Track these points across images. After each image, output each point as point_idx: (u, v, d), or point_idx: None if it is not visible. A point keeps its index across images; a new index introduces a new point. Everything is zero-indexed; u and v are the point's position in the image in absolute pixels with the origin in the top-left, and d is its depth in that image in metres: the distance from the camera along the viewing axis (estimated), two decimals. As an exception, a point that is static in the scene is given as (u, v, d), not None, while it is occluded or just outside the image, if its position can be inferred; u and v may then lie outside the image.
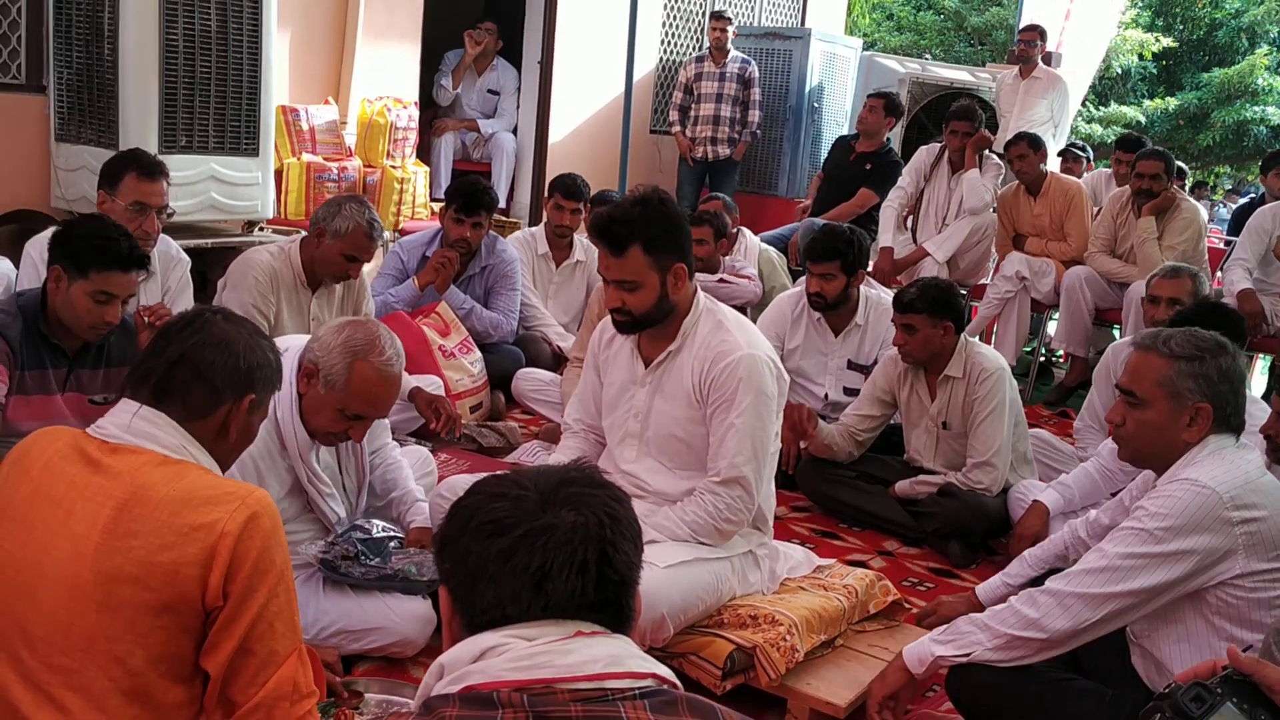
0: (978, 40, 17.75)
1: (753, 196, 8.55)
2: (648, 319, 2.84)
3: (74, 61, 5.27)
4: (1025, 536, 3.61)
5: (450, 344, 4.79)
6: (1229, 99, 16.08)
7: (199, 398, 1.87)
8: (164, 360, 1.88)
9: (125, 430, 1.83)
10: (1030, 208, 6.43)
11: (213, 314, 1.98)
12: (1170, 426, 2.34)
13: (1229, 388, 2.33)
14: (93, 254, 2.90)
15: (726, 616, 2.82)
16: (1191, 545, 2.21)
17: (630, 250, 2.74)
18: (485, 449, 4.46)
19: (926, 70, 8.70)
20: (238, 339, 1.92)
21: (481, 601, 1.23)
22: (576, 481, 1.28)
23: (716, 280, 5.70)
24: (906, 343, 3.98)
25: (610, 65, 8.13)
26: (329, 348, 2.70)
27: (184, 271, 4.03)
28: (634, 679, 1.20)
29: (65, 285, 2.92)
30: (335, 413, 2.71)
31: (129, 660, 1.72)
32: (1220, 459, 2.29)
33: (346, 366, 2.67)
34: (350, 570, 2.81)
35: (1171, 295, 4.29)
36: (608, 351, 3.07)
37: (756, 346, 2.84)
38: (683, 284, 2.82)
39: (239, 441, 1.97)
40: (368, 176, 6.65)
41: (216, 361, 1.88)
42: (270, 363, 1.98)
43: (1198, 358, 2.33)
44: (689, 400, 2.86)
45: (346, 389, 2.68)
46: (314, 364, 2.70)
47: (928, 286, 3.97)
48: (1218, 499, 2.21)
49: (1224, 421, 2.33)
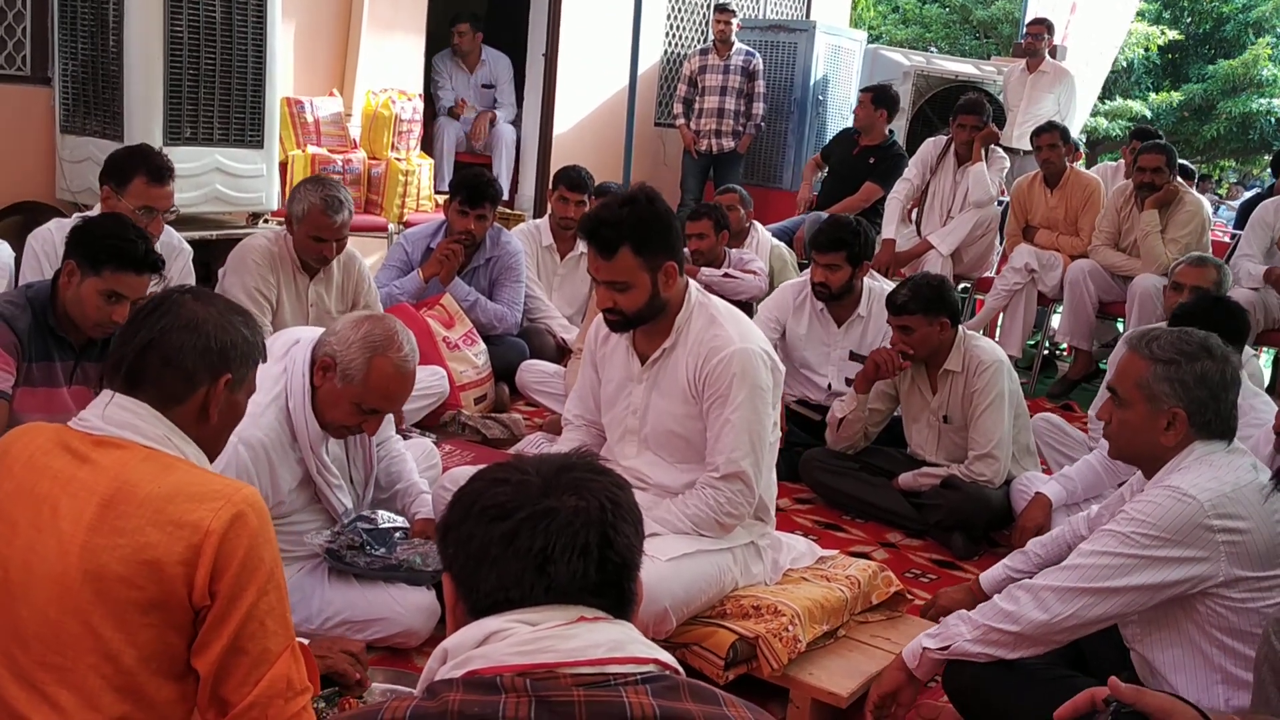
0: (983, 33, 17.72)
1: (757, 189, 8.51)
2: (639, 317, 2.83)
3: (79, 53, 5.27)
4: (1028, 528, 3.62)
5: (455, 336, 4.79)
6: (1234, 91, 16.02)
7: (172, 383, 1.83)
8: (133, 348, 1.84)
9: (105, 421, 1.79)
10: (1046, 199, 6.42)
11: (181, 294, 1.91)
12: (1147, 429, 2.34)
13: (1207, 393, 2.30)
14: (108, 253, 2.90)
15: (729, 607, 2.82)
16: (1168, 553, 2.20)
17: (620, 251, 2.73)
18: (489, 441, 4.47)
19: (931, 63, 8.68)
20: (206, 319, 1.87)
21: (484, 585, 1.24)
22: (577, 467, 1.29)
23: (721, 274, 5.70)
24: (905, 343, 3.98)
25: (615, 58, 8.12)
26: (347, 342, 2.70)
27: (186, 261, 4.05)
28: (636, 664, 1.21)
29: (78, 280, 2.93)
30: (352, 407, 2.72)
31: (120, 658, 1.71)
32: (1207, 465, 2.28)
33: (365, 362, 2.68)
34: (355, 560, 2.82)
35: (1195, 284, 4.26)
36: (604, 349, 3.07)
37: (749, 340, 2.84)
38: (673, 281, 2.81)
39: (224, 423, 1.93)
40: (372, 169, 6.65)
41: (185, 344, 1.84)
42: (245, 338, 1.92)
43: (1175, 361, 2.31)
44: (685, 396, 2.86)
45: (365, 384, 2.69)
46: (330, 357, 2.71)
47: (919, 285, 3.96)
48: (1199, 508, 2.19)
49: (1203, 428, 2.31)
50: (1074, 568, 2.31)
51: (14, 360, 2.94)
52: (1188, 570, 2.20)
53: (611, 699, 1.17)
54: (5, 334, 2.93)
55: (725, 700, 1.23)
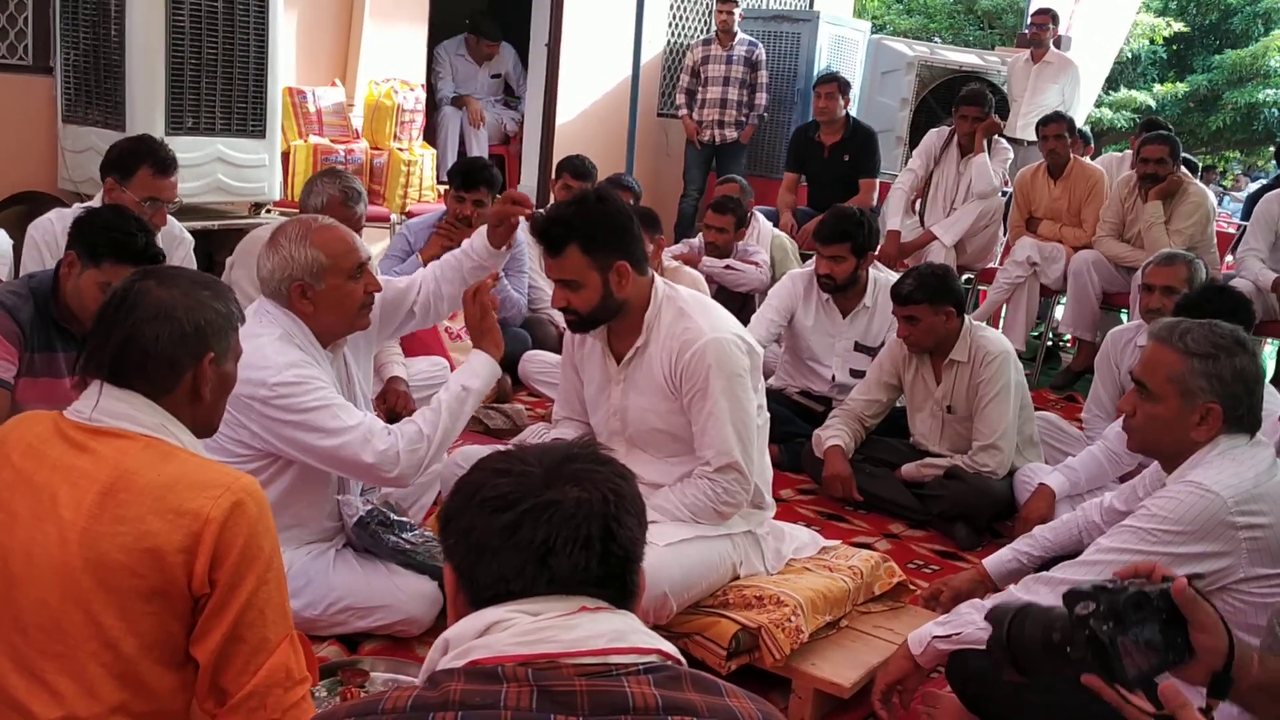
0: (987, 24, 17.65)
1: (759, 180, 8.51)
2: (594, 318, 2.83)
3: (80, 43, 5.26)
4: (1031, 519, 3.60)
5: (456, 326, 4.79)
6: (1240, 81, 15.95)
7: (158, 374, 1.81)
8: (111, 345, 1.81)
9: (100, 412, 1.78)
10: (1049, 190, 6.41)
11: (143, 282, 1.87)
12: (1179, 424, 2.30)
13: (1243, 388, 2.27)
14: (108, 245, 2.90)
15: (731, 597, 2.82)
16: (1189, 548, 2.19)
17: (567, 250, 2.72)
18: (491, 431, 4.47)
19: (935, 53, 8.65)
20: (174, 303, 1.83)
21: (485, 577, 1.23)
22: (581, 458, 1.28)
23: (724, 266, 5.70)
24: (910, 333, 3.97)
25: (618, 48, 8.10)
26: (286, 259, 2.70)
27: (187, 251, 4.05)
28: (638, 654, 1.21)
29: (78, 271, 2.93)
30: (346, 284, 2.73)
31: (120, 646, 1.71)
32: (1230, 460, 2.25)
33: (312, 247, 2.69)
34: (386, 537, 2.85)
35: (1166, 284, 4.15)
36: (581, 351, 3.06)
37: (720, 328, 2.82)
38: (628, 281, 2.78)
39: (217, 397, 1.91)
40: (374, 159, 6.65)
41: (161, 334, 1.80)
42: (218, 311, 1.88)
43: (1212, 356, 2.27)
44: (663, 393, 2.85)
45: (332, 259, 2.70)
46: (296, 282, 2.70)
47: (924, 275, 3.95)
48: (1222, 504, 2.18)
49: (1236, 422, 2.28)
50: (1092, 562, 2.29)
51: (16, 350, 2.94)
52: (1207, 565, 2.19)
53: (614, 689, 1.16)
54: (7, 324, 2.93)
55: (727, 691, 1.23)
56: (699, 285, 4.97)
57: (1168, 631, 1.38)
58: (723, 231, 5.71)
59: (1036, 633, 1.40)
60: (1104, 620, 1.30)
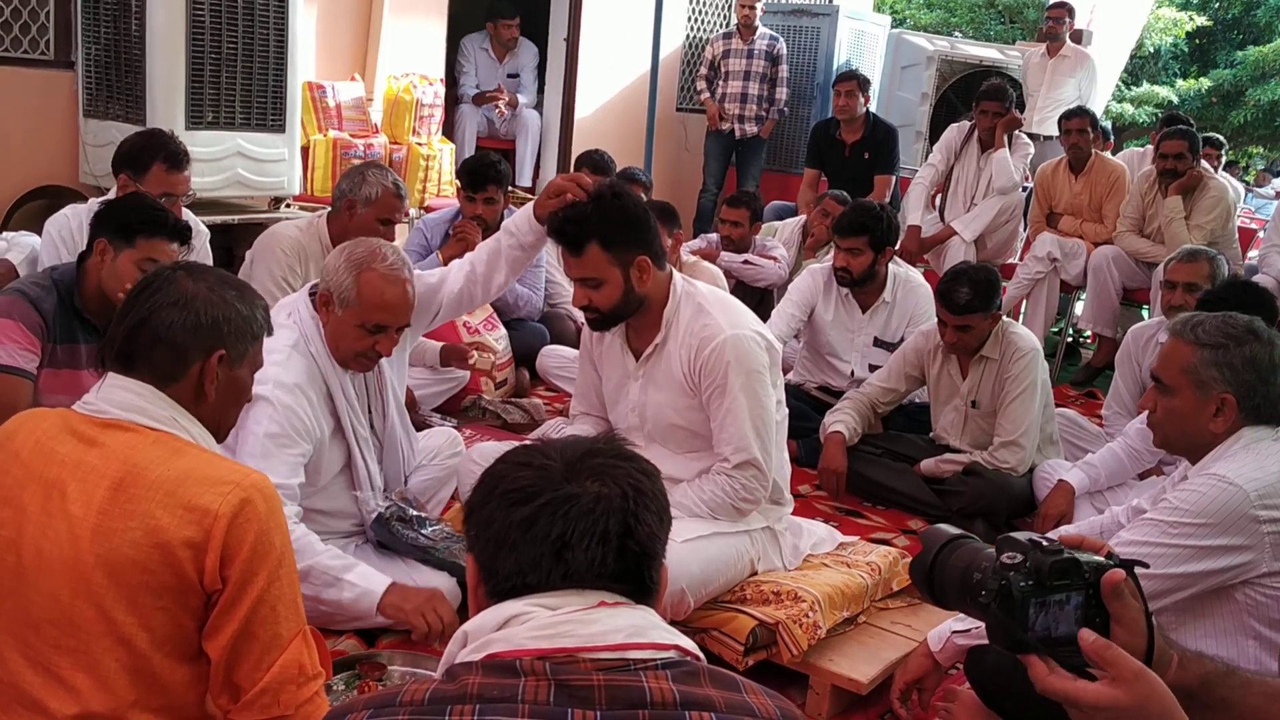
0: (1008, 18, 17.54)
1: (779, 175, 8.50)
2: (616, 314, 2.83)
3: (101, 37, 5.29)
4: (1050, 516, 3.59)
5: (475, 321, 4.79)
6: (1264, 77, 15.81)
7: (164, 360, 1.81)
8: (124, 327, 1.82)
9: (108, 402, 1.78)
10: (1070, 185, 6.37)
11: (174, 271, 1.89)
12: (1196, 415, 2.30)
13: (1256, 377, 2.26)
14: (141, 223, 2.96)
15: (749, 592, 2.82)
16: (1211, 542, 2.17)
17: (588, 248, 2.73)
18: (510, 425, 4.48)
19: (955, 48, 8.61)
20: (197, 294, 1.84)
21: (503, 569, 1.23)
22: (603, 453, 1.28)
23: (742, 261, 5.69)
24: (961, 340, 3.91)
25: (637, 42, 8.08)
26: (335, 269, 2.76)
27: (203, 243, 4.06)
28: (657, 650, 1.20)
29: (111, 256, 2.96)
30: (357, 329, 2.76)
31: (134, 641, 1.71)
32: (1252, 454, 2.23)
33: (354, 280, 2.73)
34: (403, 533, 2.86)
35: (1188, 280, 4.17)
36: (600, 346, 3.06)
37: (739, 325, 2.82)
38: (648, 275, 2.78)
39: (224, 401, 1.90)
40: (393, 153, 6.65)
41: (175, 321, 1.81)
42: (239, 313, 1.88)
43: (1222, 346, 2.27)
44: (682, 389, 2.85)
45: (360, 301, 2.73)
46: (327, 289, 2.77)
47: (977, 283, 3.81)
48: (1245, 497, 2.16)
49: (1253, 413, 2.27)
50: None
51: (39, 341, 2.96)
52: (1230, 559, 2.17)
53: (631, 684, 1.16)
54: (31, 315, 2.95)
55: (745, 687, 1.23)
56: (717, 280, 4.96)
57: (1089, 609, 1.31)
58: (737, 225, 5.70)
59: (960, 565, 1.35)
60: (1025, 576, 1.26)
